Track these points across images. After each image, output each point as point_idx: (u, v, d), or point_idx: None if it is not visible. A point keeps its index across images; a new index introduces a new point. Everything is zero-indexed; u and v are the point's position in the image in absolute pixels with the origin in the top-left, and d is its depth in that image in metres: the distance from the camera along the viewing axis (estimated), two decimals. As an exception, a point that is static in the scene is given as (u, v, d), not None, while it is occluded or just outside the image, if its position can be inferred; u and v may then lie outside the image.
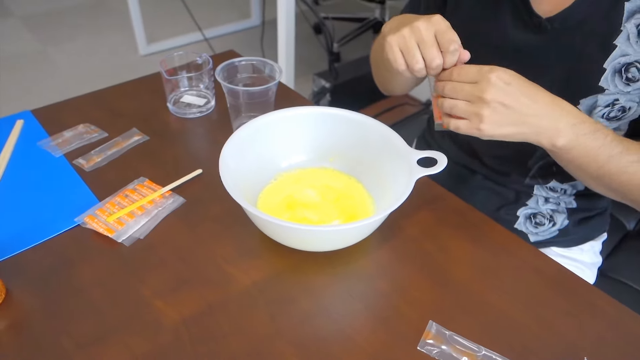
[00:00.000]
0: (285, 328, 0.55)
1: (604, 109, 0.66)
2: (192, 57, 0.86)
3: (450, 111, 0.59)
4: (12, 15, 2.83)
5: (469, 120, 0.58)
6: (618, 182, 0.61)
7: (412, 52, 0.59)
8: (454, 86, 0.58)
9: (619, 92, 0.64)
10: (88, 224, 0.64)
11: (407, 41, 0.59)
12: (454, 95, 0.58)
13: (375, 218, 0.55)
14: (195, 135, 0.84)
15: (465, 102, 0.57)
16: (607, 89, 0.64)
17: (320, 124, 0.70)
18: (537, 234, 0.83)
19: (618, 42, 0.61)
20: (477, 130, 0.57)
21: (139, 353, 0.52)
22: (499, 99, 0.55)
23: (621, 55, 0.62)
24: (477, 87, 0.56)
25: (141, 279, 0.59)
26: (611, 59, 0.62)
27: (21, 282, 0.59)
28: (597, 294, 0.60)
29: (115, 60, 2.50)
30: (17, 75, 2.35)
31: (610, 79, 0.64)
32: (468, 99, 0.57)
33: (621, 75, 0.63)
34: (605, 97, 0.65)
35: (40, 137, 0.80)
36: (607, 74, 0.63)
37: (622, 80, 0.63)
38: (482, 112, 0.56)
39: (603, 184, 0.64)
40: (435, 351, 0.52)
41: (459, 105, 0.58)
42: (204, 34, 2.50)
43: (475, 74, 0.57)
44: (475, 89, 0.56)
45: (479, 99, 0.56)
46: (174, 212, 0.68)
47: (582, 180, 0.66)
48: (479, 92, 0.56)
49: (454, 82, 0.58)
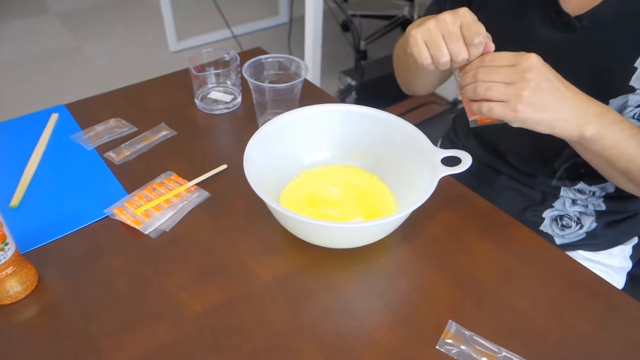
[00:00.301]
0: (305, 323, 0.56)
1: (635, 109, 0.64)
2: (220, 54, 0.88)
3: (485, 94, 0.57)
4: (49, 12, 2.92)
5: (504, 103, 0.56)
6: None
7: (438, 44, 0.58)
8: (488, 70, 0.56)
9: None
10: (117, 215, 0.66)
11: (433, 34, 0.58)
12: (490, 78, 0.56)
13: (396, 216, 0.55)
14: (221, 131, 0.85)
15: (503, 84, 0.55)
16: (638, 88, 0.62)
17: (345, 122, 0.70)
18: (563, 237, 0.81)
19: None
20: (513, 112, 0.55)
21: (163, 342, 0.54)
22: (539, 79, 0.54)
23: None
24: (517, 68, 0.55)
25: (166, 271, 0.61)
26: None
27: (53, 269, 0.61)
28: (624, 299, 0.59)
29: (146, 56, 2.56)
30: (53, 70, 2.42)
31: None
32: (506, 80, 0.55)
33: None
34: (637, 97, 0.63)
35: (74, 130, 0.83)
36: (638, 73, 0.62)
37: None
38: (523, 92, 0.54)
39: (632, 179, 0.62)
40: (454, 351, 0.52)
41: (495, 87, 0.56)
42: (232, 31, 2.53)
43: (511, 57, 0.56)
44: (515, 70, 0.55)
45: (521, 78, 0.54)
46: (199, 206, 0.69)
47: (611, 176, 0.64)
48: (520, 72, 0.54)
49: (488, 66, 0.56)
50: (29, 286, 0.58)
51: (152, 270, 0.61)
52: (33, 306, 0.57)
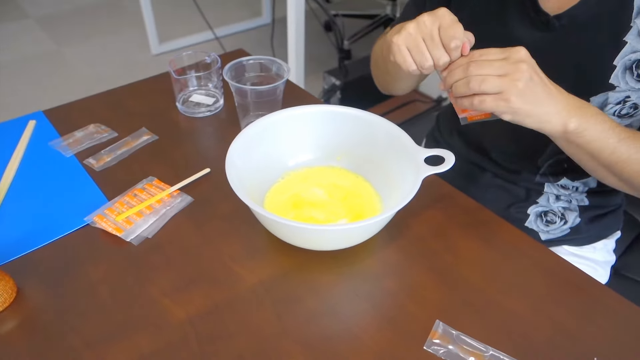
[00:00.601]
0: (291, 327, 0.55)
1: (615, 106, 0.65)
2: (201, 57, 0.87)
3: (479, 87, 0.56)
4: (28, 17, 2.87)
5: (497, 95, 0.56)
6: (629, 170, 0.61)
7: (421, 50, 0.58)
8: (480, 64, 0.56)
9: (630, 89, 0.63)
10: (97, 223, 0.65)
11: (414, 39, 0.58)
12: (483, 72, 0.56)
13: (380, 217, 0.55)
14: (204, 134, 0.84)
15: (496, 76, 0.55)
16: (618, 86, 0.63)
17: (328, 123, 0.70)
18: (548, 232, 0.82)
19: (628, 38, 0.60)
20: (505, 102, 0.55)
21: (147, 352, 0.53)
22: (532, 72, 0.55)
23: (632, 51, 0.61)
24: (509, 60, 0.55)
25: (149, 278, 0.60)
26: (621, 55, 0.61)
27: (32, 280, 0.60)
28: (608, 293, 0.59)
29: (128, 59, 2.53)
30: (32, 75, 2.38)
31: (621, 76, 0.62)
32: (500, 72, 0.55)
33: (632, 71, 0.62)
34: (616, 94, 0.64)
35: (52, 137, 0.81)
36: (617, 71, 0.62)
37: (633, 77, 0.62)
38: (518, 83, 0.54)
39: (615, 173, 0.62)
40: (442, 351, 0.52)
41: (490, 79, 0.55)
42: (215, 32, 2.51)
43: (500, 52, 0.56)
44: (508, 62, 0.55)
45: (516, 69, 0.54)
46: (182, 211, 0.68)
47: (594, 171, 0.65)
48: (514, 64, 0.54)
49: (479, 61, 0.56)
50: (7, 299, 0.57)
51: (135, 278, 0.60)
52: (12, 319, 0.56)
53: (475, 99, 0.57)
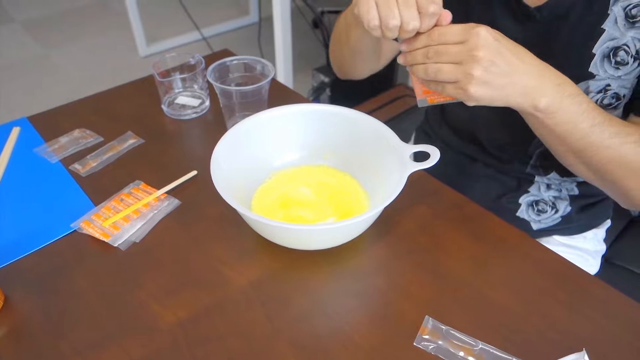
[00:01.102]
0: (282, 327, 0.55)
1: (596, 95, 0.65)
2: (185, 58, 0.86)
3: (435, 76, 0.54)
4: (13, 21, 2.85)
5: (455, 84, 0.53)
6: (599, 157, 0.59)
7: (390, 5, 0.53)
8: (437, 50, 0.53)
9: (610, 76, 0.63)
10: (84, 229, 0.65)
11: None
12: (439, 59, 0.53)
13: (367, 215, 0.55)
14: (190, 136, 0.84)
15: (452, 65, 0.53)
16: (597, 74, 0.63)
17: (313, 121, 0.70)
18: (539, 222, 0.82)
19: (606, 26, 0.61)
20: (464, 92, 0.53)
21: (137, 357, 0.52)
22: (490, 56, 0.51)
23: (609, 39, 0.61)
24: (465, 46, 0.52)
25: (137, 283, 0.60)
26: (600, 43, 0.62)
27: (19, 288, 0.59)
28: (597, 284, 0.60)
29: (116, 62, 2.51)
30: (19, 80, 2.36)
31: (600, 64, 0.63)
32: (455, 60, 0.52)
33: (610, 59, 0.62)
34: (596, 82, 0.64)
35: (37, 143, 0.81)
36: (596, 59, 0.63)
37: (612, 64, 0.62)
38: (473, 72, 0.52)
39: (584, 160, 0.61)
40: (432, 346, 0.52)
41: (445, 69, 0.53)
42: (202, 33, 2.50)
43: (460, 33, 0.52)
44: (464, 48, 0.52)
45: (470, 57, 0.51)
46: (170, 215, 0.68)
47: (563, 157, 0.63)
48: (468, 51, 0.51)
49: (437, 45, 0.53)
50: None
51: (123, 284, 0.60)
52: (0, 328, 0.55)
53: (436, 85, 0.55)
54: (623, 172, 0.60)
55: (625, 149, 0.58)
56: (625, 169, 0.60)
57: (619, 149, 0.58)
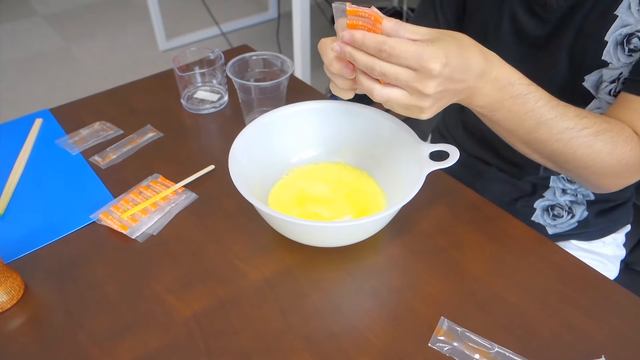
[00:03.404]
0: (296, 323, 0.55)
1: (610, 84, 0.64)
2: (205, 53, 0.87)
3: (385, 102, 0.52)
4: (36, 14, 2.89)
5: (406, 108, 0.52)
6: (551, 150, 0.58)
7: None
8: (384, 70, 0.49)
9: (623, 65, 0.62)
10: (103, 220, 0.65)
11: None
12: (388, 81, 0.50)
13: (385, 213, 0.54)
14: (208, 131, 0.84)
15: (403, 92, 0.50)
16: (611, 62, 0.62)
17: (331, 119, 0.69)
18: (555, 227, 0.81)
19: (619, 12, 0.59)
20: (416, 116, 0.52)
21: (152, 348, 0.53)
22: (440, 88, 0.49)
23: (622, 25, 0.60)
24: (416, 79, 0.48)
25: (154, 275, 0.60)
26: (612, 30, 0.60)
27: (39, 277, 0.60)
28: (617, 289, 0.59)
29: (136, 56, 2.54)
30: (41, 73, 2.40)
31: (613, 52, 0.61)
32: (405, 88, 0.50)
33: (623, 47, 0.61)
34: (610, 71, 0.63)
35: (58, 135, 0.82)
36: (609, 47, 0.61)
37: (625, 52, 0.61)
38: (423, 104, 0.50)
39: (536, 151, 0.61)
40: (447, 348, 0.52)
41: (395, 96, 0.50)
42: (221, 28, 2.51)
43: (412, 62, 0.47)
44: (415, 80, 0.48)
45: (419, 93, 0.49)
46: (187, 209, 0.68)
47: (514, 145, 0.62)
48: (419, 86, 0.48)
49: (386, 64, 0.48)
50: (15, 295, 0.57)
51: (140, 276, 0.60)
52: (20, 316, 0.57)
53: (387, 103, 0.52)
54: (576, 164, 0.60)
55: (575, 143, 0.57)
56: (577, 162, 0.59)
57: (569, 143, 0.57)
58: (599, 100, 0.66)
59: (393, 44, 0.47)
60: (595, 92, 0.66)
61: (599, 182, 0.63)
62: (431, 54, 0.47)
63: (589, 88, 0.66)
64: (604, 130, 0.57)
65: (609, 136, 0.57)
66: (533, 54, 0.69)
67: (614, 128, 0.58)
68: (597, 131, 0.57)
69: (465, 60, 0.50)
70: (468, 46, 0.51)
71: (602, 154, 0.58)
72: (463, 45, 0.50)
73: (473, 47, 0.52)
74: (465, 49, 0.51)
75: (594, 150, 0.57)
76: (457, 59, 0.49)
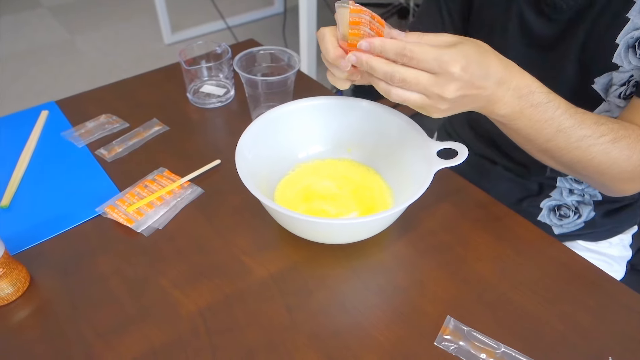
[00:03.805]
0: (301, 320, 0.55)
1: (620, 88, 0.63)
2: (211, 47, 0.86)
3: (402, 102, 0.52)
4: (41, 5, 2.89)
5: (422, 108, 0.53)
6: (568, 157, 0.59)
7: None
8: (405, 77, 0.49)
9: (634, 67, 0.61)
10: (108, 213, 0.65)
11: None
12: (407, 87, 0.50)
13: (392, 211, 0.54)
14: (214, 125, 0.84)
15: (421, 96, 0.51)
16: (621, 65, 0.61)
17: (339, 114, 0.69)
18: (561, 227, 0.80)
19: (631, 14, 0.58)
20: (428, 114, 0.53)
21: (157, 343, 0.53)
22: (459, 93, 0.50)
23: (634, 28, 0.59)
24: (436, 83, 0.49)
25: (159, 269, 0.60)
26: (624, 33, 0.60)
27: (44, 270, 0.60)
28: (624, 290, 0.58)
29: (141, 49, 2.53)
30: (46, 65, 2.40)
31: (624, 55, 0.61)
32: (424, 92, 0.50)
33: (635, 50, 0.60)
34: (620, 74, 0.62)
35: (64, 127, 0.82)
36: (620, 50, 0.61)
37: (636, 55, 0.60)
38: (440, 106, 0.51)
39: (552, 158, 0.61)
40: (453, 347, 0.51)
41: (413, 99, 0.51)
42: (226, 22, 2.51)
43: (433, 65, 0.48)
44: (435, 85, 0.49)
45: (439, 97, 0.50)
46: (193, 203, 0.68)
47: (531, 153, 0.63)
48: (439, 90, 0.49)
49: (406, 71, 0.49)
50: (21, 287, 0.57)
51: (145, 269, 0.60)
52: (25, 308, 0.57)
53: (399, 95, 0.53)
54: (593, 170, 0.60)
55: (593, 150, 0.57)
56: (594, 168, 0.59)
57: (586, 151, 0.57)
58: (608, 104, 0.66)
59: (413, 47, 0.48)
60: (604, 95, 0.65)
61: (616, 186, 0.63)
62: (451, 57, 0.48)
63: (599, 91, 0.65)
64: (622, 137, 0.57)
65: (626, 143, 0.57)
66: (541, 55, 0.68)
67: (631, 134, 0.58)
68: (615, 138, 0.57)
69: (484, 67, 0.50)
70: (487, 53, 0.51)
71: (620, 160, 0.58)
72: (482, 52, 0.51)
73: (492, 54, 0.52)
74: (485, 56, 0.51)
75: (611, 157, 0.57)
76: (476, 64, 0.49)
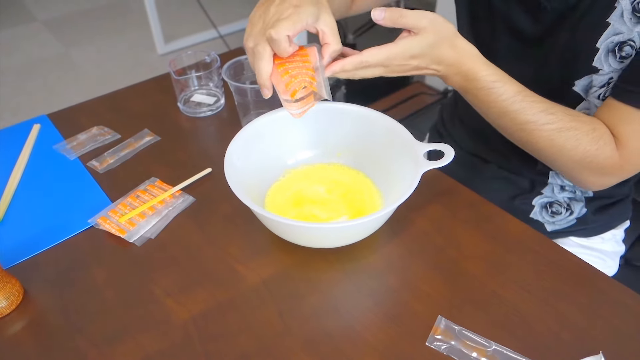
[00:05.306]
0: (293, 325, 0.55)
1: (599, 89, 0.64)
2: (201, 56, 0.87)
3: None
4: (35, 20, 2.90)
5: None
6: (517, 137, 0.64)
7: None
8: (364, 75, 0.59)
9: (614, 70, 0.62)
10: (101, 225, 0.66)
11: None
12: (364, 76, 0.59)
13: (380, 213, 0.54)
14: (205, 134, 0.84)
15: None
16: (601, 69, 0.62)
17: (327, 120, 0.69)
18: (553, 223, 0.81)
19: (611, 19, 0.59)
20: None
21: (151, 351, 0.53)
22: (411, 72, 0.59)
23: (614, 33, 0.60)
24: (388, 72, 0.59)
25: (152, 279, 0.60)
26: (604, 37, 0.60)
27: (38, 282, 0.60)
28: (615, 286, 0.59)
29: (134, 60, 2.54)
30: (40, 78, 2.41)
31: (604, 59, 0.62)
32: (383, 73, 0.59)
33: (615, 54, 0.61)
34: (600, 77, 0.63)
35: (56, 140, 0.82)
36: (600, 54, 0.62)
37: (617, 59, 0.61)
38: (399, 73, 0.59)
39: (506, 135, 0.66)
40: (444, 347, 0.52)
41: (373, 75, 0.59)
42: (219, 31, 2.52)
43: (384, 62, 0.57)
44: (388, 73, 0.59)
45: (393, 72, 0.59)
46: (184, 212, 0.69)
47: (491, 124, 0.67)
48: (391, 73, 0.59)
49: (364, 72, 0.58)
50: (14, 301, 0.57)
51: (138, 279, 0.60)
52: (19, 321, 0.57)
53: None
54: (543, 155, 0.65)
55: (536, 135, 0.62)
56: (542, 152, 0.64)
57: (530, 134, 0.62)
58: (587, 102, 0.67)
59: (367, 59, 0.56)
60: (585, 95, 0.67)
61: (577, 177, 0.66)
62: (397, 55, 0.57)
63: (579, 92, 0.66)
64: (569, 128, 0.60)
65: (573, 134, 0.60)
66: (525, 50, 0.69)
67: (582, 127, 0.61)
68: (561, 128, 0.60)
69: (437, 56, 0.58)
70: (443, 42, 0.57)
71: (565, 150, 0.61)
72: (438, 44, 0.57)
73: (447, 45, 0.57)
74: (440, 47, 0.57)
75: (555, 144, 0.61)
76: (427, 56, 0.58)
